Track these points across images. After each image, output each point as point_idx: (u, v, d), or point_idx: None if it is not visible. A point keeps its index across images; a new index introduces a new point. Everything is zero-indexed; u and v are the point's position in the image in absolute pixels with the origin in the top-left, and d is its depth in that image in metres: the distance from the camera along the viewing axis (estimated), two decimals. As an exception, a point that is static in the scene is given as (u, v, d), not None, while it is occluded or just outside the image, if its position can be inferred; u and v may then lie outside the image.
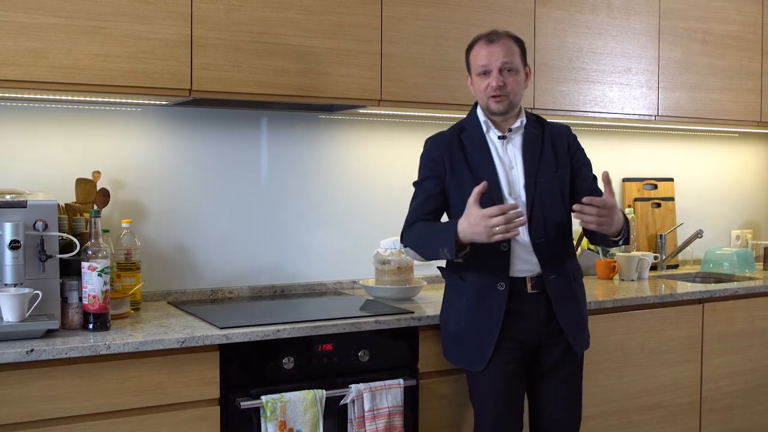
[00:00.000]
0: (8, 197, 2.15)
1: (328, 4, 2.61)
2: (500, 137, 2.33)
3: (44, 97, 2.46)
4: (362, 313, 2.51)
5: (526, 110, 2.40)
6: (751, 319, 3.25)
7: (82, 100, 2.55)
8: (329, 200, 3.07)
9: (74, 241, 2.22)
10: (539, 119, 2.42)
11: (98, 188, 2.57)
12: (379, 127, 3.16)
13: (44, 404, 1.98)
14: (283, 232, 2.98)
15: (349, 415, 2.31)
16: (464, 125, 2.38)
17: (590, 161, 2.44)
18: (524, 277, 2.28)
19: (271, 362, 2.25)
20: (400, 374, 2.40)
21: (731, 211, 4.17)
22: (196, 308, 2.56)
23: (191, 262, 2.81)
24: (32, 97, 2.47)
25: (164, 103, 2.66)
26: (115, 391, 2.05)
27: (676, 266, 3.84)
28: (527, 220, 2.26)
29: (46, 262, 2.15)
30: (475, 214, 2.11)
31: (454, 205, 2.34)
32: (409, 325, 2.44)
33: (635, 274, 3.38)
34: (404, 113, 3.06)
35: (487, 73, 2.27)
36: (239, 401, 2.18)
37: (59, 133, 2.60)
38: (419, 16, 2.78)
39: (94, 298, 2.16)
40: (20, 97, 2.47)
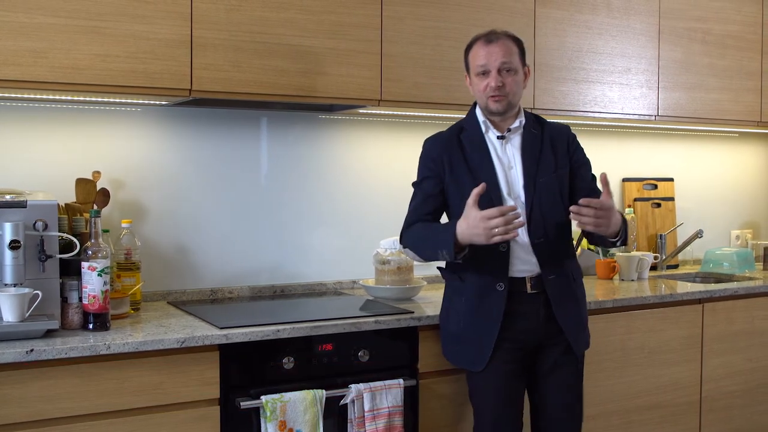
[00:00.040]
0: (8, 197, 2.15)
1: (328, 4, 2.61)
2: (499, 137, 2.33)
3: (44, 97, 2.46)
4: (362, 313, 2.51)
5: (525, 110, 2.40)
6: (751, 319, 3.25)
7: (82, 100, 2.55)
8: (329, 200, 3.07)
9: (74, 241, 2.22)
10: (538, 119, 2.41)
11: (98, 188, 2.57)
12: (379, 127, 3.16)
13: (44, 404, 1.98)
14: (283, 232, 2.98)
15: (349, 415, 2.31)
16: (463, 125, 2.38)
17: (589, 161, 2.44)
18: (524, 277, 2.28)
19: (271, 362, 2.25)
20: (400, 374, 2.40)
21: (731, 211, 4.17)
22: (196, 308, 2.56)
23: (191, 262, 2.81)
24: (32, 97, 2.47)
25: (164, 103, 2.66)
26: (114, 391, 2.05)
27: (676, 266, 3.84)
28: (527, 220, 2.27)
29: (46, 262, 2.15)
30: (473, 215, 2.11)
31: (453, 205, 2.34)
32: (408, 325, 2.44)
33: (635, 274, 3.38)
34: (404, 113, 3.06)
35: (485, 73, 2.27)
36: (239, 401, 2.18)
37: (59, 133, 2.60)
38: (419, 16, 2.78)
39: (94, 298, 2.16)
40: (20, 97, 2.47)
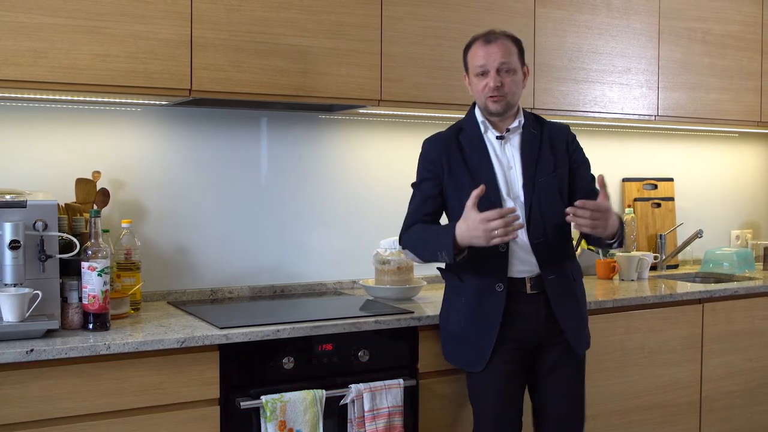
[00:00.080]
0: (8, 197, 2.15)
1: (328, 4, 2.61)
2: (498, 137, 2.33)
3: (44, 97, 2.46)
4: (362, 313, 2.51)
5: (524, 110, 2.40)
6: (751, 319, 3.25)
7: (82, 100, 2.55)
8: (329, 200, 3.07)
9: (74, 241, 2.22)
10: (538, 118, 2.41)
11: (98, 188, 2.57)
12: (379, 127, 3.16)
13: (44, 404, 1.98)
14: (283, 232, 2.98)
15: (349, 415, 2.31)
16: (462, 126, 2.38)
17: (589, 161, 2.44)
18: (523, 277, 2.28)
19: (271, 362, 2.25)
20: (399, 374, 2.40)
21: (731, 211, 4.17)
22: (196, 308, 2.56)
23: (191, 262, 2.81)
24: (32, 97, 2.47)
25: (164, 103, 2.66)
26: (114, 391, 2.05)
27: (676, 266, 3.84)
28: (526, 220, 2.26)
29: (46, 262, 2.15)
30: (473, 217, 2.11)
31: (452, 206, 2.34)
32: (408, 325, 2.44)
33: (635, 274, 3.38)
34: (404, 113, 3.06)
35: (484, 73, 2.27)
36: (239, 401, 2.18)
37: (59, 133, 2.60)
38: (419, 16, 2.78)
39: (93, 298, 2.16)
40: (20, 97, 2.47)
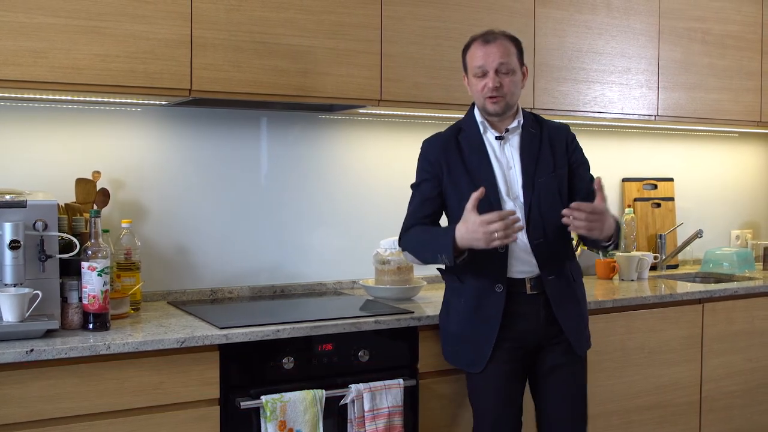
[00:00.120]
0: (8, 197, 2.15)
1: (327, 4, 2.61)
2: (498, 138, 2.33)
3: (44, 97, 2.46)
4: (362, 313, 2.51)
5: (523, 109, 2.39)
6: (751, 319, 3.25)
7: (82, 100, 2.55)
8: (329, 200, 3.07)
9: (74, 241, 2.22)
10: (537, 118, 2.41)
11: (98, 188, 2.57)
12: (379, 127, 3.16)
13: (44, 404, 1.98)
14: (283, 232, 2.98)
15: (348, 415, 2.31)
16: (462, 126, 2.38)
17: (588, 161, 2.43)
18: (523, 278, 2.28)
19: (270, 362, 2.25)
20: (399, 374, 2.40)
21: (731, 211, 4.17)
22: (196, 308, 2.56)
23: (191, 262, 2.81)
24: (32, 97, 2.47)
25: (164, 103, 2.66)
26: (114, 391, 2.05)
27: (676, 266, 3.84)
28: (525, 220, 2.26)
29: (45, 262, 2.15)
30: (472, 220, 2.10)
31: (451, 206, 2.33)
32: (408, 325, 2.44)
33: (635, 274, 3.38)
34: (404, 113, 3.06)
35: (483, 74, 2.26)
36: (239, 401, 2.18)
37: (59, 133, 2.60)
38: (419, 16, 2.78)
39: (93, 298, 2.16)
40: (20, 97, 2.47)
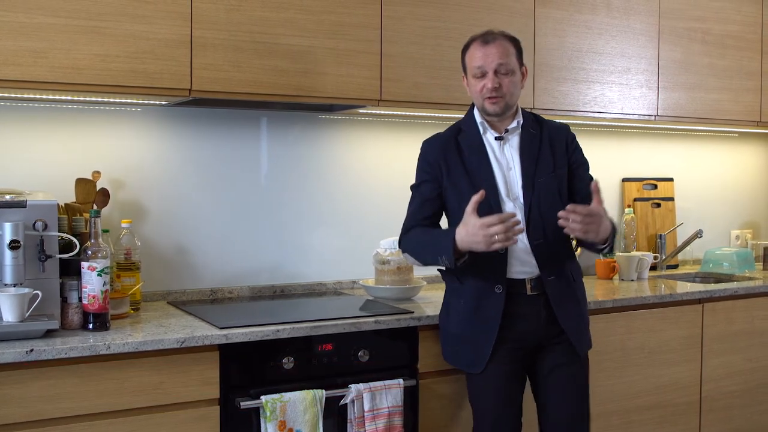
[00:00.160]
0: (8, 197, 2.15)
1: (327, 4, 2.61)
2: (497, 138, 2.33)
3: (44, 97, 2.46)
4: (362, 313, 2.51)
5: (523, 109, 2.39)
6: (750, 319, 3.25)
7: (82, 100, 2.55)
8: (329, 200, 3.07)
9: (74, 241, 2.22)
10: (537, 118, 2.40)
11: (98, 188, 2.57)
12: (379, 127, 3.16)
13: (44, 404, 1.98)
14: (283, 232, 2.98)
15: (348, 415, 2.31)
16: (461, 126, 2.37)
17: (588, 161, 2.43)
18: (523, 279, 2.27)
19: (270, 362, 2.25)
20: (399, 374, 2.40)
21: (731, 211, 4.17)
22: (195, 308, 2.56)
23: (191, 262, 2.81)
24: (32, 97, 2.47)
25: (164, 103, 2.66)
26: (114, 391, 2.05)
27: (675, 266, 3.84)
28: (525, 221, 2.26)
29: (45, 262, 2.15)
30: (473, 223, 2.10)
31: (451, 208, 2.33)
32: (408, 325, 2.44)
33: (635, 274, 3.38)
34: (404, 113, 3.06)
35: (482, 74, 2.26)
36: (239, 401, 2.18)
37: (59, 133, 2.60)
38: (419, 16, 2.78)
39: (93, 298, 2.16)
40: (20, 97, 2.47)
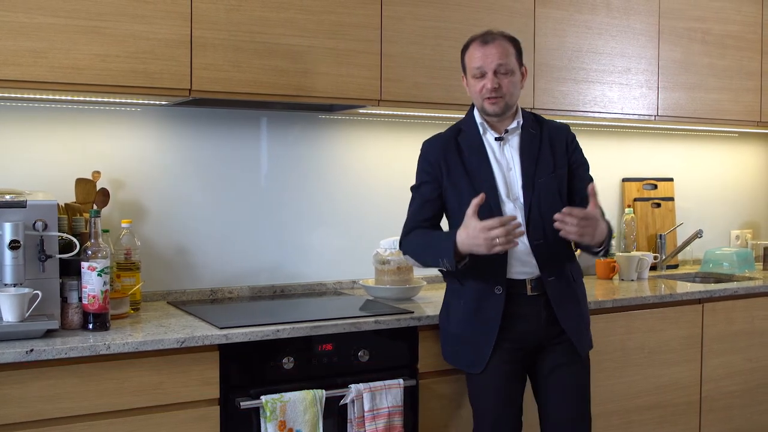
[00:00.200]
0: (8, 197, 2.15)
1: (327, 4, 2.61)
2: (497, 139, 2.32)
3: (44, 97, 2.46)
4: (362, 313, 2.51)
5: (523, 109, 2.39)
6: (750, 319, 3.25)
7: (81, 100, 2.55)
8: (329, 200, 3.07)
9: (74, 241, 2.22)
10: (537, 118, 2.40)
11: (98, 188, 2.56)
12: (379, 127, 3.16)
13: (44, 404, 1.98)
14: (283, 232, 2.98)
15: (348, 415, 2.31)
16: (461, 127, 2.37)
17: (588, 161, 2.42)
18: (523, 279, 2.27)
19: (270, 362, 2.25)
20: (399, 374, 2.40)
21: (731, 211, 4.17)
22: (195, 308, 2.56)
23: (191, 262, 2.81)
24: (32, 97, 2.47)
25: (164, 103, 2.66)
26: (114, 391, 2.05)
27: (675, 266, 3.84)
28: (525, 221, 2.25)
29: (45, 262, 2.15)
30: (473, 226, 2.10)
31: (451, 208, 2.33)
32: (408, 325, 2.44)
33: (635, 274, 3.38)
34: (404, 113, 3.06)
35: (482, 75, 2.25)
36: (239, 401, 2.18)
37: (59, 133, 2.60)
38: (419, 16, 2.78)
39: (93, 298, 2.16)
40: (20, 97, 2.47)
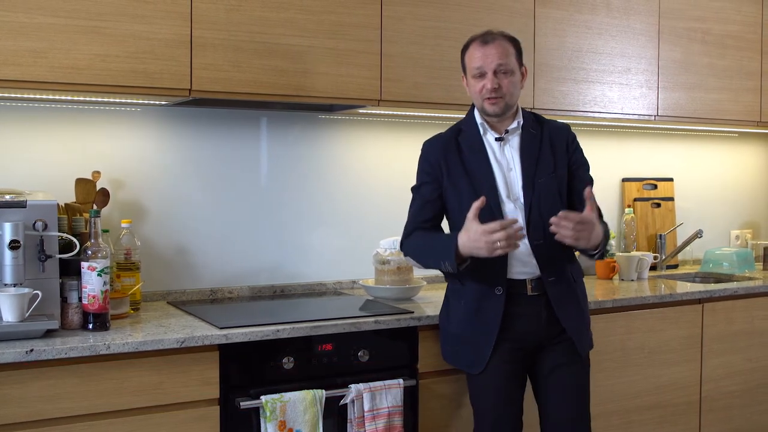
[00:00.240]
0: (8, 197, 2.15)
1: (327, 4, 2.61)
2: (497, 139, 2.32)
3: (44, 97, 2.46)
4: (362, 313, 2.51)
5: (523, 109, 2.39)
6: (750, 319, 3.25)
7: (82, 100, 2.55)
8: (329, 200, 3.07)
9: (74, 241, 2.22)
10: (538, 118, 2.40)
11: (98, 188, 2.56)
12: (379, 127, 3.16)
13: (44, 404, 1.98)
14: (283, 232, 2.98)
15: (348, 415, 2.31)
16: (462, 127, 2.37)
17: (588, 162, 2.42)
18: (524, 279, 2.27)
19: (270, 362, 2.25)
20: (399, 374, 2.40)
21: (731, 211, 4.17)
22: (195, 308, 2.56)
23: (191, 262, 2.81)
24: (32, 97, 2.47)
25: (164, 103, 2.66)
26: (114, 391, 2.05)
27: (675, 266, 3.84)
28: (526, 221, 2.25)
29: (45, 262, 2.15)
30: (474, 229, 2.10)
31: (451, 209, 2.33)
32: (408, 325, 2.44)
33: (635, 274, 3.38)
34: (404, 113, 3.06)
35: (482, 75, 2.25)
36: (239, 401, 2.18)
37: (59, 133, 2.60)
38: (419, 16, 2.78)
39: (93, 298, 2.16)
40: (20, 97, 2.47)
